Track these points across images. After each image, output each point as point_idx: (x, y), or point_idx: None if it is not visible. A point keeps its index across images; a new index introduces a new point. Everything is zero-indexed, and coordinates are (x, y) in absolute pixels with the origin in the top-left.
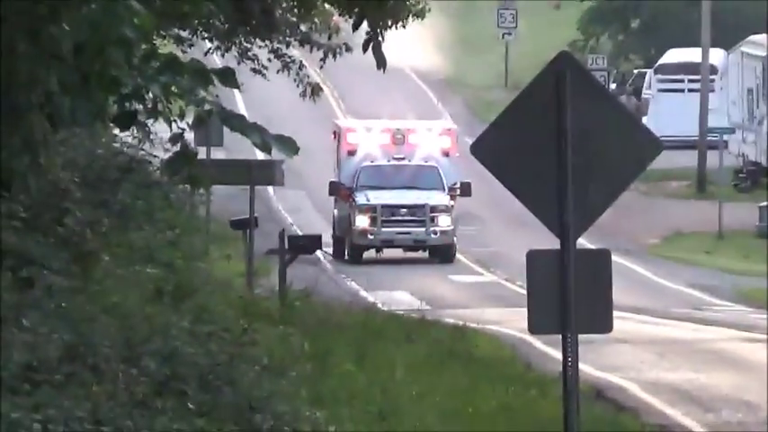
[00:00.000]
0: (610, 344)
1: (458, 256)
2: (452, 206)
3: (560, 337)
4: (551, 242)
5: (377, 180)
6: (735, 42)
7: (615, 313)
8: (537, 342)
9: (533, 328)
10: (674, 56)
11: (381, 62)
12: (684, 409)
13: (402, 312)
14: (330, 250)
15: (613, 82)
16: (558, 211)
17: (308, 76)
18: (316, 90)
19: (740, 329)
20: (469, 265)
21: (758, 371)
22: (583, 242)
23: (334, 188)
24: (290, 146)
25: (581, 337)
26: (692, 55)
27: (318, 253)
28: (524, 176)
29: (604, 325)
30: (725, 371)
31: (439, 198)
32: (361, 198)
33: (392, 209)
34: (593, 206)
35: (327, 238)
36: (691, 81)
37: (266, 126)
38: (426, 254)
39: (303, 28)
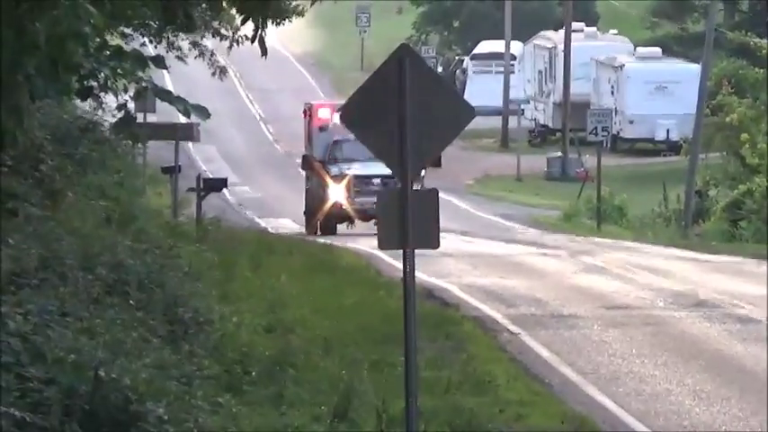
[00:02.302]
0: (438, 257)
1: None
2: (422, 176)
3: (402, 251)
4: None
5: (349, 153)
6: (530, 36)
7: (441, 234)
8: (384, 256)
9: (382, 245)
10: (485, 47)
11: (263, 52)
12: (492, 305)
13: (286, 233)
14: (231, 188)
15: (440, 66)
16: (399, 160)
17: (218, 61)
18: (223, 71)
19: (532, 246)
20: None
21: (546, 276)
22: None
23: (307, 162)
24: (203, 112)
25: (417, 251)
26: (498, 46)
27: (225, 191)
28: (376, 135)
29: (433, 243)
30: (522, 277)
31: None
32: (335, 170)
33: (365, 179)
34: (425, 155)
35: (234, 179)
36: (497, 65)
37: (187, 98)
38: None
39: (214, 24)
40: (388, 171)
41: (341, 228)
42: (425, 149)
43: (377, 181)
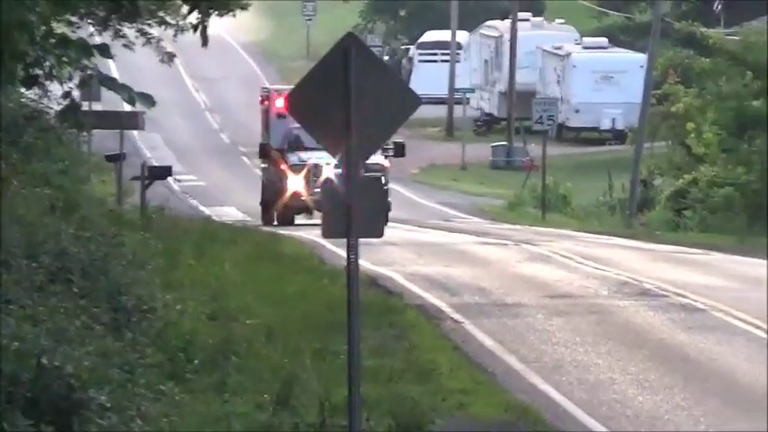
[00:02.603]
0: (382, 246)
1: None
2: (386, 167)
3: (345, 240)
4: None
5: (309, 141)
6: (476, 26)
7: (389, 223)
8: (328, 244)
9: (326, 234)
10: (430, 36)
11: (205, 41)
12: (436, 293)
13: (230, 222)
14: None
15: (386, 55)
16: (345, 149)
17: (164, 48)
18: (170, 57)
19: (477, 235)
20: None
21: (490, 265)
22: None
23: (265, 150)
24: (148, 100)
25: (361, 240)
26: (444, 35)
27: (169, 179)
28: (321, 124)
29: (377, 231)
30: (466, 266)
31: (372, 158)
32: (293, 159)
33: (325, 169)
34: (370, 144)
35: (179, 168)
36: (443, 54)
37: (132, 86)
38: None
39: (160, 13)
40: None
41: (299, 218)
42: (371, 138)
43: (337, 171)
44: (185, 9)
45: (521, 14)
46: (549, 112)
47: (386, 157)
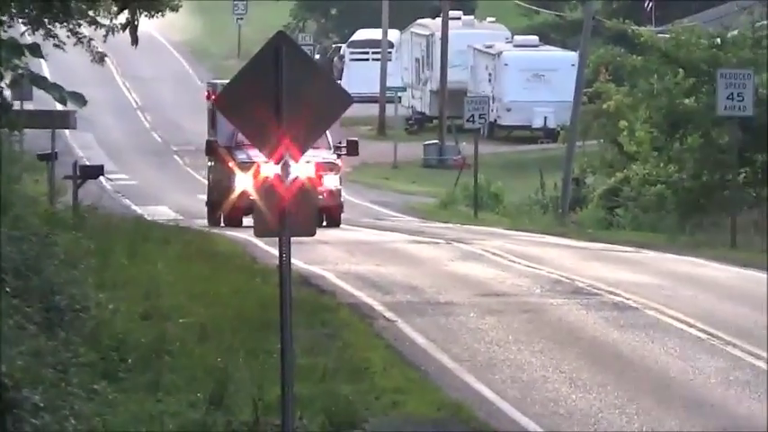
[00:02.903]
0: (314, 244)
1: (205, 181)
2: (339, 165)
3: (278, 239)
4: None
5: None
6: (407, 24)
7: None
8: (260, 243)
9: (258, 233)
10: (362, 34)
11: (134, 40)
12: (368, 292)
13: (163, 221)
14: (111, 177)
15: (317, 54)
16: (273, 146)
17: (96, 48)
18: (101, 57)
19: (409, 234)
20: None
21: (423, 264)
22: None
23: (211, 147)
24: (79, 99)
25: (293, 238)
26: (375, 34)
27: (101, 178)
28: (252, 122)
29: (309, 230)
30: (398, 264)
31: (324, 155)
32: (241, 156)
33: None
34: (302, 143)
35: (111, 167)
36: (374, 53)
37: (65, 85)
38: None
39: (91, 13)
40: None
41: (247, 219)
42: (302, 137)
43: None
44: (116, 9)
45: (452, 13)
46: (481, 110)
47: (338, 156)
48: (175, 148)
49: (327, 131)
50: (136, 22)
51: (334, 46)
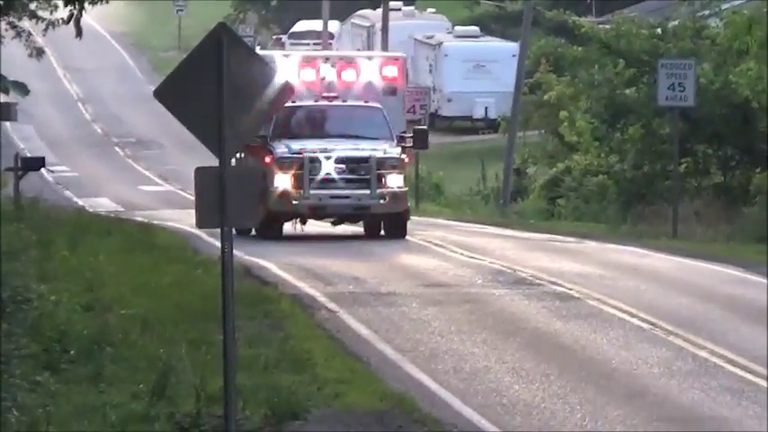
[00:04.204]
0: (257, 237)
1: (146, 173)
2: (404, 161)
3: (219, 230)
4: (213, 161)
5: (301, 126)
6: (348, 15)
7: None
8: (203, 234)
9: (200, 224)
10: (302, 25)
11: (79, 32)
12: (310, 283)
13: (103, 213)
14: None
15: (258, 45)
16: (217, 139)
17: (35, 42)
18: (39, 52)
19: (352, 225)
20: (153, 178)
21: (361, 255)
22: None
23: None
24: (22, 89)
25: (237, 231)
26: (316, 25)
27: (42, 170)
28: (194, 114)
29: (250, 221)
30: (340, 255)
31: (388, 149)
32: (280, 149)
33: (324, 164)
34: (244, 135)
35: (52, 159)
36: (315, 44)
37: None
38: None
39: (32, 6)
40: (358, 152)
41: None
42: (243, 127)
43: (341, 166)
44: (60, 1)
45: (392, 4)
46: (422, 101)
47: (404, 149)
48: (116, 139)
49: (386, 118)
50: (80, 14)
51: (274, 37)
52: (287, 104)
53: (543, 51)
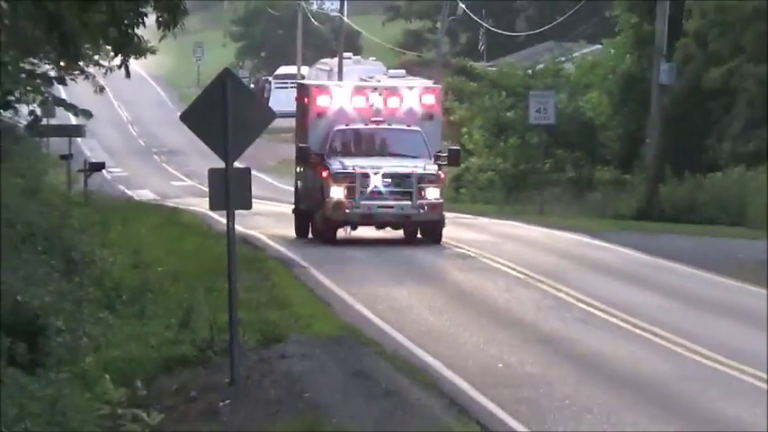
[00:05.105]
0: (251, 216)
1: (175, 173)
2: (441, 177)
3: (225, 211)
4: (221, 164)
5: (353, 146)
6: (314, 62)
7: (255, 199)
8: (215, 215)
9: (212, 207)
10: (283, 70)
11: (128, 74)
12: (289, 248)
13: (145, 200)
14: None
15: (252, 84)
16: (223, 147)
17: (98, 82)
18: (101, 89)
19: None
20: (180, 176)
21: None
22: (239, 164)
23: (303, 154)
24: (87, 114)
25: (236, 211)
26: (292, 69)
27: (104, 171)
28: (208, 131)
29: (247, 205)
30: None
31: (426, 166)
32: (336, 166)
33: (373, 178)
34: (241, 145)
35: (110, 163)
36: (292, 84)
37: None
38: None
39: (95, 57)
40: (402, 169)
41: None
42: (241, 140)
43: (387, 180)
44: (113, 53)
45: (345, 54)
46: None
47: (439, 166)
48: (154, 149)
49: (425, 139)
50: (128, 62)
51: (264, 78)
52: (341, 127)
53: (450, 86)
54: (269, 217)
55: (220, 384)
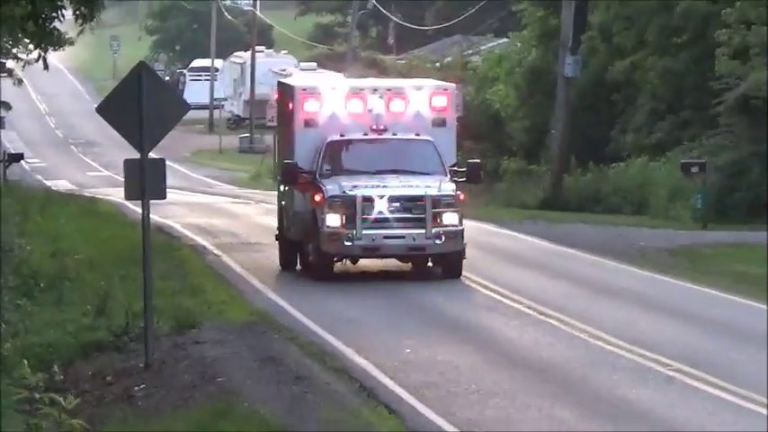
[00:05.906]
0: (165, 205)
1: (92, 163)
2: (461, 198)
3: (141, 201)
4: (136, 155)
5: (350, 161)
6: (228, 55)
7: (169, 189)
8: (130, 204)
9: (127, 197)
10: (197, 63)
11: (46, 66)
12: (202, 236)
13: (63, 190)
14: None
15: (167, 77)
16: (138, 139)
17: (17, 75)
18: (20, 81)
19: (230, 197)
20: (97, 167)
21: (240, 217)
22: (154, 155)
23: (290, 172)
24: (6, 106)
25: (151, 201)
26: (207, 62)
27: (22, 162)
28: (125, 123)
29: (162, 195)
30: (223, 217)
31: (442, 186)
32: (332, 188)
33: (378, 203)
34: (156, 136)
35: (29, 154)
36: (206, 75)
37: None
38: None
39: (14, 51)
40: (412, 191)
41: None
42: (156, 132)
43: (395, 205)
44: (32, 46)
45: (258, 47)
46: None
47: (456, 183)
48: (72, 140)
49: (438, 151)
50: (46, 55)
51: (178, 71)
52: (335, 138)
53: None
54: (183, 206)
55: (136, 369)
